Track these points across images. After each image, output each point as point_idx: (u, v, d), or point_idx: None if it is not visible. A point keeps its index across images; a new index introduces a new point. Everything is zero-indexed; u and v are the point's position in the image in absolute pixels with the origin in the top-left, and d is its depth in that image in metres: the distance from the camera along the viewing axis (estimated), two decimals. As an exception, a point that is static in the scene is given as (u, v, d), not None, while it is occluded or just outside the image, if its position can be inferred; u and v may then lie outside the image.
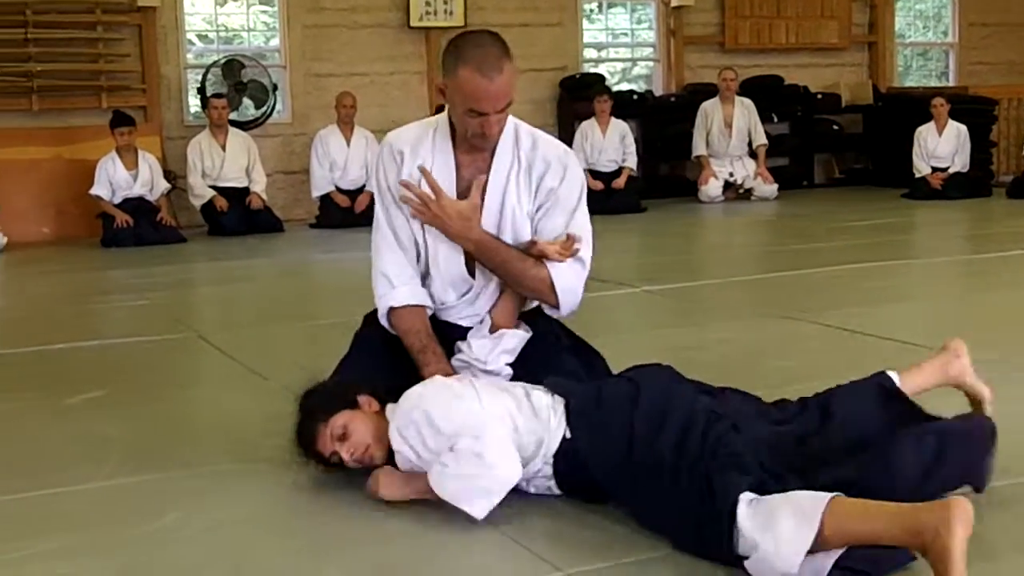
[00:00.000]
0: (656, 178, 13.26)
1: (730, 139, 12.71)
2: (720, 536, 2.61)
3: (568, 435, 3.06)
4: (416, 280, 3.60)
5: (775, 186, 12.67)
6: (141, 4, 11.17)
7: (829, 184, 14.16)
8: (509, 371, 3.46)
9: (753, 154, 12.84)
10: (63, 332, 6.02)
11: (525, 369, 3.44)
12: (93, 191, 10.38)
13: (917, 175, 12.44)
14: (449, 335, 3.58)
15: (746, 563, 2.57)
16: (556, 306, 3.56)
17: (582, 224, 3.56)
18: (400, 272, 3.57)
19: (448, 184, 3.52)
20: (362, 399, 3.24)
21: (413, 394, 3.18)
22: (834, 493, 2.58)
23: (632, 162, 12.19)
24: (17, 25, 10.69)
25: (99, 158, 10.45)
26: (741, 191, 12.74)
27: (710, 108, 12.73)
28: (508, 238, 3.54)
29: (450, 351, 3.52)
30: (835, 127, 14.02)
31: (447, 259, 3.58)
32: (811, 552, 2.50)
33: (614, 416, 3.01)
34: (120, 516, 3.16)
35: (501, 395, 3.16)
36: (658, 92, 13.72)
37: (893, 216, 10.76)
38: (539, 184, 3.55)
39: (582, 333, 3.68)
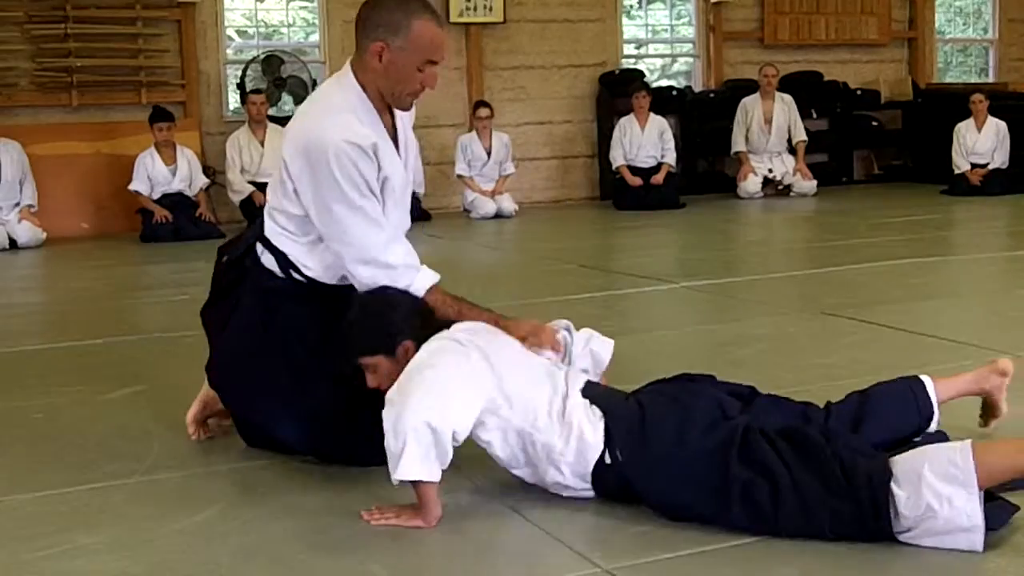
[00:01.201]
0: (695, 174, 13.21)
1: (769, 135, 12.66)
2: (877, 515, 2.70)
3: (609, 460, 3.01)
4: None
5: (814, 182, 12.61)
6: (180, 0, 11.22)
7: (868, 180, 14.08)
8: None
9: (792, 150, 12.78)
10: (103, 327, 6.05)
11: None
12: (132, 186, 10.43)
13: (956, 171, 12.35)
14: None
15: (912, 534, 2.70)
16: None
17: None
18: (411, 254, 3.53)
19: (395, 158, 3.55)
20: (400, 350, 3.20)
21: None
22: (968, 440, 2.76)
23: (671, 158, 12.15)
24: (57, 20, 10.75)
25: (138, 153, 10.50)
26: (780, 187, 12.69)
27: (750, 104, 12.68)
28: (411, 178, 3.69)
29: None
30: (874, 123, 13.94)
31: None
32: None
33: (665, 447, 2.97)
34: (160, 511, 3.17)
35: (537, 386, 3.12)
36: (697, 88, 13.67)
37: (932, 212, 10.70)
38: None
39: (623, 330, 3.67)
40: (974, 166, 12.32)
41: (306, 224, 3.50)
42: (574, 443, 3.03)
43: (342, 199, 3.38)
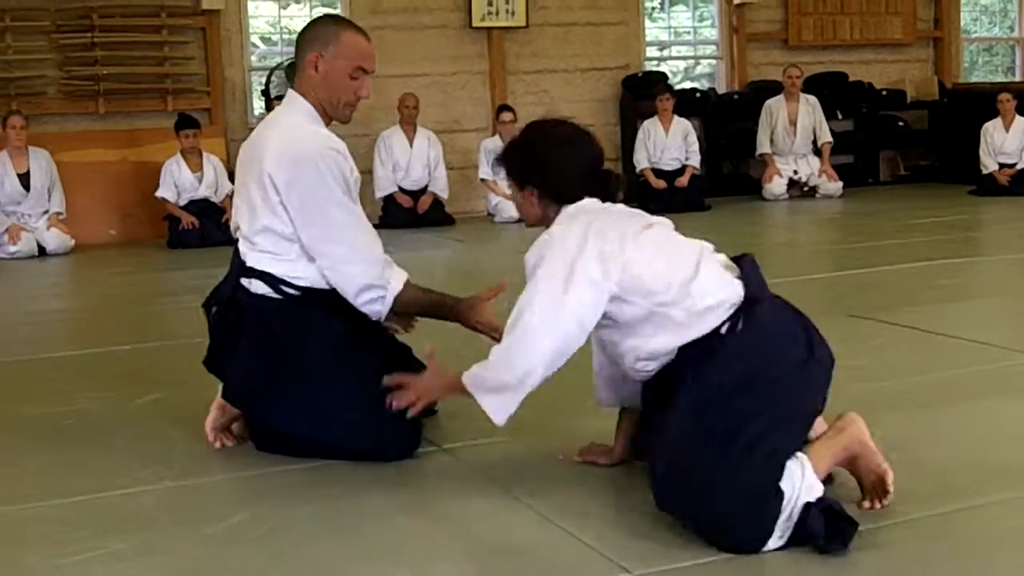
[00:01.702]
0: (719, 176, 13.19)
1: (795, 137, 12.62)
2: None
3: (726, 329, 3.04)
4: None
5: (840, 184, 12.57)
6: (205, 7, 11.25)
7: (894, 181, 14.02)
8: None
9: (818, 152, 12.74)
10: (131, 333, 6.08)
11: None
12: (159, 193, 10.47)
13: (984, 171, 12.29)
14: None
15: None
16: None
17: None
18: (384, 254, 3.71)
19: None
20: (526, 191, 3.31)
21: None
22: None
23: (695, 160, 12.13)
24: (84, 29, 10.81)
25: (164, 160, 10.55)
26: (806, 189, 12.65)
27: (774, 106, 12.65)
28: None
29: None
30: (900, 124, 13.88)
31: None
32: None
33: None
34: (189, 516, 3.18)
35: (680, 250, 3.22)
36: (721, 90, 13.65)
37: (960, 213, 10.64)
38: None
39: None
40: (1002, 166, 12.25)
41: (290, 241, 3.66)
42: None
43: (335, 201, 3.63)
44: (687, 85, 13.81)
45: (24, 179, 10.17)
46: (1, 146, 10.16)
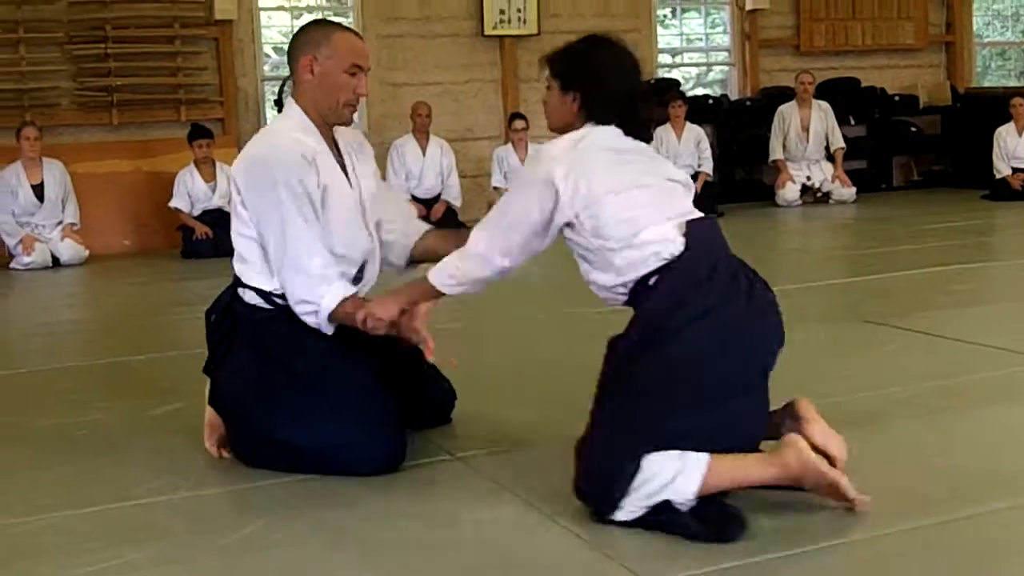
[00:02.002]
0: (732, 183, 13.18)
1: (807, 143, 12.61)
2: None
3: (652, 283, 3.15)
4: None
5: (853, 189, 12.55)
6: (218, 18, 11.28)
7: (908, 186, 14.00)
8: None
9: (830, 157, 12.72)
10: (145, 343, 6.09)
11: None
12: (172, 203, 10.49)
13: (997, 176, 12.26)
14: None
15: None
16: None
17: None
18: (330, 268, 3.66)
19: (337, 172, 3.78)
20: (570, 95, 3.38)
21: None
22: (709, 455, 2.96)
23: (708, 167, 12.13)
24: (97, 40, 10.83)
25: (178, 171, 10.57)
26: (819, 195, 12.63)
27: (787, 112, 12.64)
28: (368, 210, 3.86)
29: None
30: (913, 129, 13.86)
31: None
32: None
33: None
34: (203, 527, 3.19)
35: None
36: (733, 96, 13.64)
37: (974, 218, 10.62)
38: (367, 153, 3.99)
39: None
40: (1015, 170, 12.21)
41: (260, 247, 3.71)
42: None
43: (282, 208, 3.62)
44: (699, 92, 13.81)
45: (38, 190, 10.20)
46: (15, 157, 10.19)
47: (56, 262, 10.03)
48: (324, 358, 3.65)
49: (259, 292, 3.73)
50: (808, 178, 12.59)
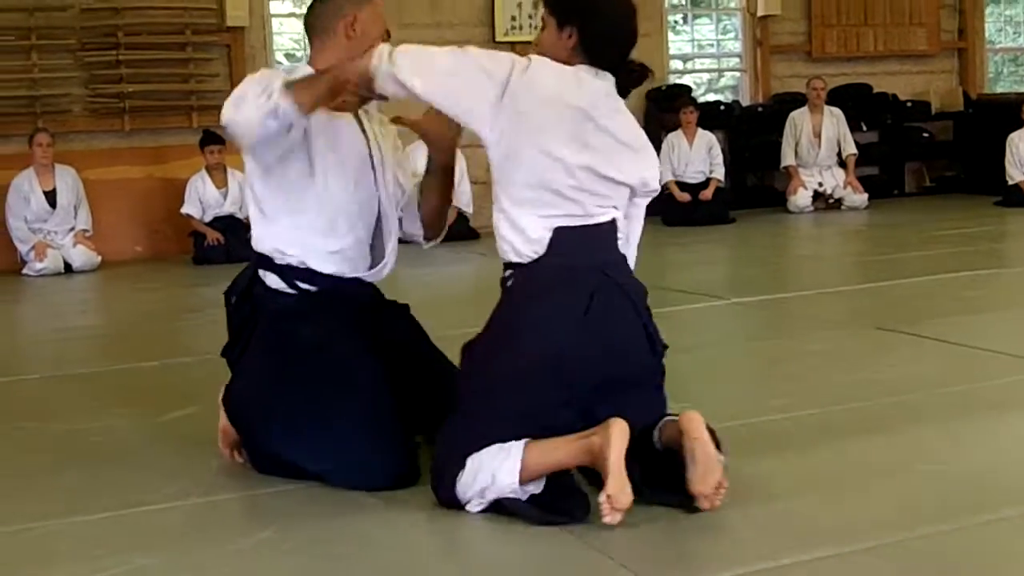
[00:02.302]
0: (744, 189, 13.17)
1: (819, 149, 12.59)
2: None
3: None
4: None
5: (865, 195, 12.53)
6: (230, 25, 11.30)
7: (920, 193, 13.98)
8: None
9: (842, 163, 12.71)
10: (157, 349, 6.10)
11: None
12: (184, 210, 10.51)
13: (1010, 182, 12.23)
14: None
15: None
16: None
17: None
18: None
19: (353, 125, 3.78)
20: (565, 31, 3.35)
21: None
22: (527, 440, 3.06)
23: (719, 173, 12.11)
24: (109, 47, 10.85)
25: (189, 177, 10.59)
26: (831, 201, 12.61)
27: (799, 118, 12.63)
28: (389, 173, 3.85)
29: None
30: (925, 135, 13.84)
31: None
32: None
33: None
34: (215, 532, 3.19)
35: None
36: (745, 102, 13.63)
37: (986, 224, 10.60)
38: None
39: (674, 347, 3.64)
40: (1028, 176, 12.21)
41: (268, 191, 3.72)
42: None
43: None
44: (711, 98, 13.81)
45: (50, 196, 10.23)
46: (28, 164, 10.21)
47: (68, 268, 10.05)
48: (335, 367, 3.55)
49: (283, 272, 3.68)
50: (820, 184, 12.58)
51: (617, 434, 2.96)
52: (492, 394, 3.16)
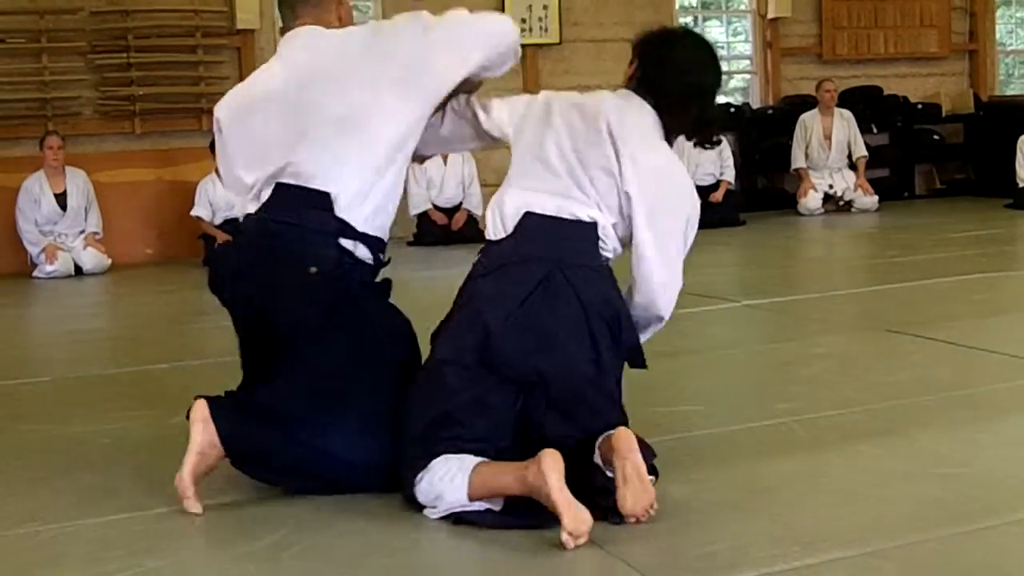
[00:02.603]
0: (754, 191, 13.16)
1: (829, 151, 12.58)
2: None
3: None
4: None
5: (875, 198, 12.52)
6: (240, 27, 11.31)
7: (930, 195, 13.95)
8: None
9: (852, 166, 12.70)
10: (168, 351, 6.10)
11: None
12: (194, 212, 10.52)
13: (1020, 184, 12.18)
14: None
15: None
16: None
17: None
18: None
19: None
20: None
21: None
22: (481, 459, 3.06)
23: (730, 175, 12.10)
24: (119, 50, 10.87)
25: (200, 179, 10.60)
26: (841, 203, 12.60)
27: (809, 120, 12.62)
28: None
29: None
30: (936, 137, 13.82)
31: None
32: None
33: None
34: (224, 536, 3.20)
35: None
36: (755, 104, 13.61)
37: (997, 227, 10.58)
38: None
39: (684, 350, 3.64)
40: (1038, 179, 12.18)
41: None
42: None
43: None
44: (721, 100, 13.79)
45: (61, 199, 10.25)
46: (38, 166, 10.24)
47: (79, 271, 10.07)
48: (406, 344, 3.49)
49: (373, 242, 3.47)
50: (830, 186, 12.57)
51: (550, 468, 2.89)
52: (431, 382, 3.22)
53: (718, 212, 11.63)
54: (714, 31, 14.06)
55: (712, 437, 3.94)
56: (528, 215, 3.31)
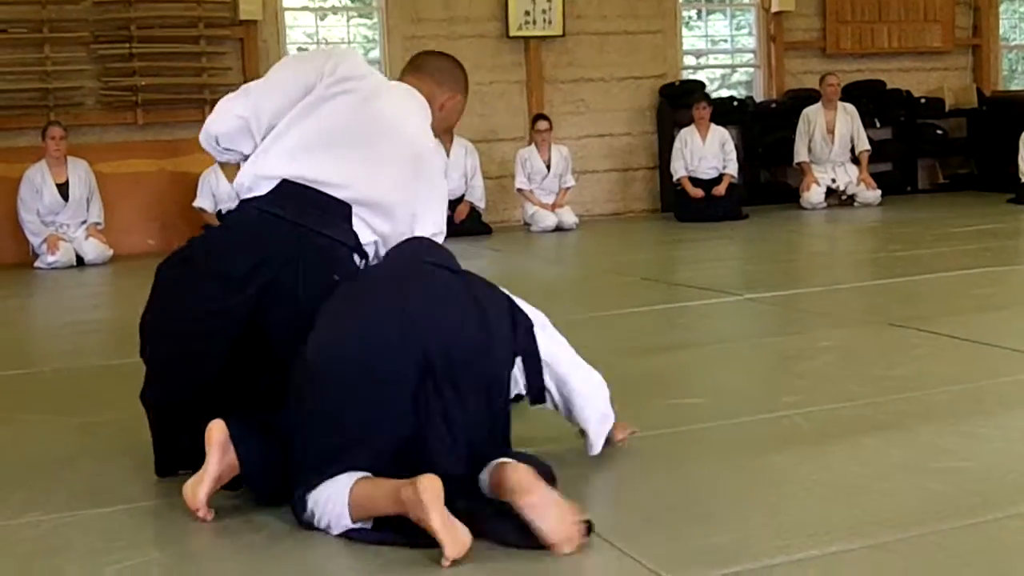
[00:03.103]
0: (757, 185, 13.16)
1: (832, 145, 12.58)
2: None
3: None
4: None
5: (878, 192, 12.52)
6: (243, 18, 11.31)
7: (933, 190, 13.96)
8: None
9: (855, 160, 12.70)
10: (170, 342, 6.08)
11: None
12: (196, 203, 10.53)
13: (1023, 180, 12.21)
14: None
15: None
16: None
17: None
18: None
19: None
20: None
21: None
22: (363, 474, 2.96)
23: (733, 169, 12.11)
24: (122, 40, 10.88)
25: (202, 171, 10.60)
26: (844, 197, 12.61)
27: (812, 114, 12.62)
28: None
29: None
30: (939, 132, 13.82)
31: None
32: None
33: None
34: (229, 525, 3.18)
35: None
36: (758, 98, 13.61)
37: (999, 222, 10.57)
38: None
39: (686, 343, 3.64)
40: (1041, 174, 12.18)
41: None
42: None
43: None
44: (724, 93, 13.79)
45: (63, 189, 10.26)
46: (40, 157, 10.25)
47: (80, 261, 10.08)
48: None
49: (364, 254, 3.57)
50: (833, 180, 12.58)
51: (428, 492, 2.77)
52: (307, 408, 3.13)
53: (721, 206, 11.66)
54: (718, 24, 14.06)
55: (715, 430, 3.94)
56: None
